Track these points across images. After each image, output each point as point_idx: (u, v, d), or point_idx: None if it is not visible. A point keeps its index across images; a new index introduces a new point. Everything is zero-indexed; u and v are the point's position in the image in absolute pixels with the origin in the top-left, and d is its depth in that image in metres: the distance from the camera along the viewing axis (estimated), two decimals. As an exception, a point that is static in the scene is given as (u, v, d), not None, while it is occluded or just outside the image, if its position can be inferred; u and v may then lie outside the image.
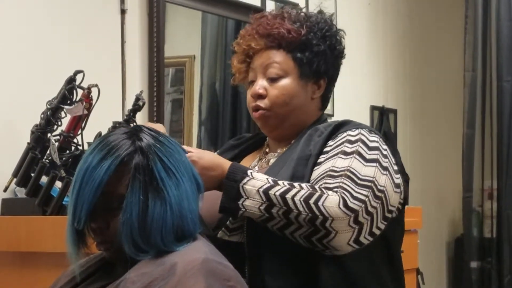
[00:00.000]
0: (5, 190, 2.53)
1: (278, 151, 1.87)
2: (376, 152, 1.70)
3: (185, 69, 3.53)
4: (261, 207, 1.62)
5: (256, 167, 1.88)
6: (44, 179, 2.38)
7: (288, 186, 1.63)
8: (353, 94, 4.49)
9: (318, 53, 1.83)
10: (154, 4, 3.17)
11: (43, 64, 2.76)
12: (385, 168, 1.69)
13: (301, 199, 1.60)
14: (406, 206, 1.81)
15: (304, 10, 1.91)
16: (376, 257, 1.71)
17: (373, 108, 4.72)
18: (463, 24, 4.93)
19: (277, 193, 1.61)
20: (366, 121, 4.64)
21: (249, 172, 1.65)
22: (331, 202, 1.60)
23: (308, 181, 1.69)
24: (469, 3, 4.91)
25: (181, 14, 3.42)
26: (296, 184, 1.63)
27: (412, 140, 5.14)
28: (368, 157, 1.68)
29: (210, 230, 1.70)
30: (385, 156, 1.72)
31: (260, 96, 1.83)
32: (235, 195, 1.63)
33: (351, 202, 1.60)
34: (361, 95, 4.58)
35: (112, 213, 1.46)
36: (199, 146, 3.51)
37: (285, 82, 1.82)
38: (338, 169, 1.66)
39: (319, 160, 1.71)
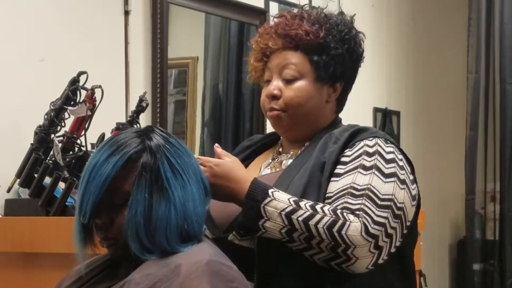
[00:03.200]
0: (8, 191, 2.53)
1: (291, 152, 1.85)
2: (393, 165, 1.69)
3: (188, 70, 3.53)
4: (282, 230, 1.61)
5: (269, 167, 1.87)
6: (47, 180, 2.38)
7: (311, 210, 1.61)
8: (356, 96, 4.44)
9: (335, 56, 1.80)
10: (157, 6, 3.18)
11: (47, 65, 2.77)
12: (403, 182, 1.69)
13: (325, 227, 1.59)
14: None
15: (324, 10, 1.88)
16: (388, 269, 1.70)
17: (376, 110, 4.72)
18: (467, 26, 4.93)
19: (300, 219, 1.60)
20: (369, 124, 4.64)
21: (270, 191, 1.63)
22: (354, 230, 1.59)
23: (324, 191, 1.68)
24: (473, 5, 4.91)
25: (185, 15, 3.42)
26: (318, 208, 1.61)
27: (415, 142, 5.13)
28: (386, 171, 1.68)
29: (220, 232, 1.70)
30: (402, 168, 1.71)
31: (275, 97, 1.81)
32: (256, 215, 1.61)
33: (372, 227, 1.60)
34: (364, 97, 4.58)
35: (117, 210, 1.47)
36: (202, 147, 3.51)
37: (300, 84, 1.80)
38: (359, 187, 1.64)
39: (336, 171, 1.69)
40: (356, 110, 4.43)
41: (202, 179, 1.54)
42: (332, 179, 1.69)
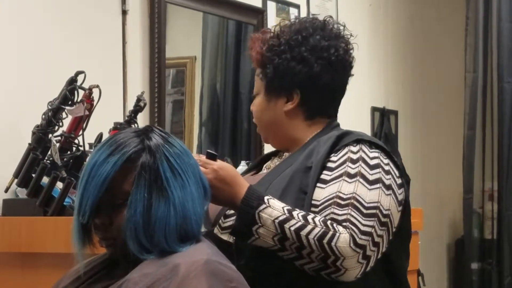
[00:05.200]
0: (6, 191, 2.53)
1: (283, 156, 1.89)
2: (377, 170, 1.70)
3: (186, 70, 3.53)
4: (275, 238, 1.63)
5: (265, 169, 1.91)
6: (45, 179, 2.38)
7: (302, 221, 1.62)
8: (354, 96, 4.44)
9: (277, 68, 1.83)
10: (155, 5, 3.17)
11: (45, 65, 2.77)
12: (389, 187, 1.70)
13: (315, 238, 1.61)
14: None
15: (291, 20, 1.91)
16: (369, 272, 1.68)
17: (374, 110, 4.72)
18: (464, 26, 4.93)
19: (292, 228, 1.62)
20: (367, 123, 4.64)
21: (265, 198, 1.65)
22: (342, 242, 1.61)
23: (310, 198, 1.69)
24: (470, 4, 4.91)
25: (182, 15, 3.42)
26: (310, 219, 1.63)
27: (413, 141, 5.14)
28: (371, 178, 1.69)
29: (209, 226, 1.74)
30: (387, 172, 1.72)
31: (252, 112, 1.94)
32: (250, 221, 1.63)
33: (359, 238, 1.62)
34: (362, 96, 4.58)
35: (116, 209, 1.47)
36: (200, 147, 3.51)
37: (257, 100, 1.89)
38: (344, 196, 1.66)
39: (323, 177, 1.71)
40: (354, 110, 4.44)
41: (201, 179, 1.54)
42: (318, 184, 1.70)
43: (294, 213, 1.64)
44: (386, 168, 1.72)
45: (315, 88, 1.84)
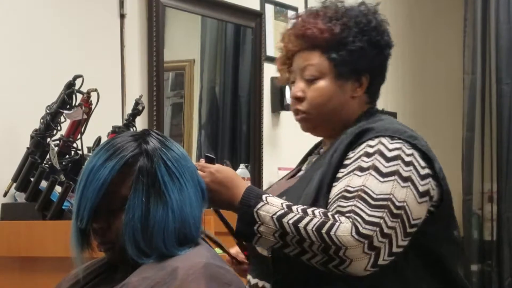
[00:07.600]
0: (4, 195, 2.53)
1: (322, 150, 1.86)
2: (395, 162, 1.65)
3: (184, 73, 3.53)
4: (275, 234, 1.62)
5: (304, 166, 1.88)
6: (43, 183, 2.38)
7: (301, 213, 1.61)
8: (353, 98, 4.48)
9: (354, 51, 1.77)
10: (153, 9, 3.18)
11: (43, 69, 2.77)
12: (406, 179, 1.64)
13: (313, 229, 1.59)
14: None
15: (344, 3, 1.83)
16: (404, 267, 1.67)
17: (373, 111, 4.72)
18: (462, 27, 4.94)
19: (290, 221, 1.61)
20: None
21: (263, 196, 1.64)
22: (343, 231, 1.58)
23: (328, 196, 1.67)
24: (468, 5, 4.92)
25: (181, 18, 3.42)
26: (309, 211, 1.61)
27: (412, 143, 5.13)
28: (385, 170, 1.64)
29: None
30: (408, 164, 1.65)
31: (299, 99, 1.80)
32: (250, 220, 1.63)
33: (363, 228, 1.58)
34: (361, 98, 4.58)
35: (114, 214, 1.47)
36: (199, 150, 3.51)
37: (321, 83, 1.78)
38: (352, 189, 1.63)
39: (338, 175, 1.68)
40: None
41: (199, 182, 1.54)
42: (334, 183, 1.68)
43: (294, 207, 1.62)
44: (407, 159, 1.66)
45: (380, 73, 1.83)
